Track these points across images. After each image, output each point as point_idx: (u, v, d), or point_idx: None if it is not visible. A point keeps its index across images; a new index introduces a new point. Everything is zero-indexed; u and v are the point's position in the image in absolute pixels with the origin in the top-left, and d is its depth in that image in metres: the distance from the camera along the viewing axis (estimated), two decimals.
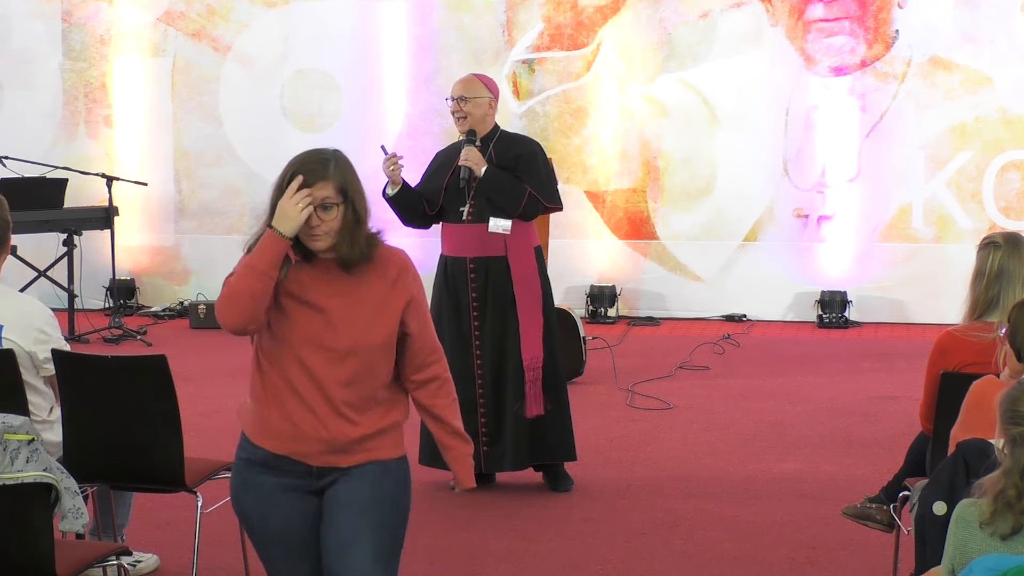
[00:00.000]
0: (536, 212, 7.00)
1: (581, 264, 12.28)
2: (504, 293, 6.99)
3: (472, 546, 6.29)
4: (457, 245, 7.03)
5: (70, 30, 12.88)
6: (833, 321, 11.90)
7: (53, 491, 4.18)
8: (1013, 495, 3.55)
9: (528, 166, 6.99)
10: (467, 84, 7.07)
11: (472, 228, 6.97)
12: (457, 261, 7.02)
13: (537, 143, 7.32)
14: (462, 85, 7.07)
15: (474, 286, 6.99)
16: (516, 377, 6.98)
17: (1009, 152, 11.82)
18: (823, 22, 11.95)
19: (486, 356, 6.98)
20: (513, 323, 6.98)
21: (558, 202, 7.12)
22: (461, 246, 7.02)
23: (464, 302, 6.99)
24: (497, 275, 6.98)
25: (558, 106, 12.33)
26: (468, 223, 6.97)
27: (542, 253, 7.19)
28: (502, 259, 6.98)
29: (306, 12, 12.61)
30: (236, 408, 4.23)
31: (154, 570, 5.94)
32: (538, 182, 6.97)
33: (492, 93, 7.09)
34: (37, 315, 5.39)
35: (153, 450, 5.28)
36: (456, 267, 7.02)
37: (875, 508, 5.78)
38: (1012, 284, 5.32)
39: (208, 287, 12.62)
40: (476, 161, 6.93)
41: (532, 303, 6.99)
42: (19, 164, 11.50)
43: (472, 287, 6.99)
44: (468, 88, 7.04)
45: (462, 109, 7.00)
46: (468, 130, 7.03)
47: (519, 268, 6.97)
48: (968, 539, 3.60)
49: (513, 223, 6.92)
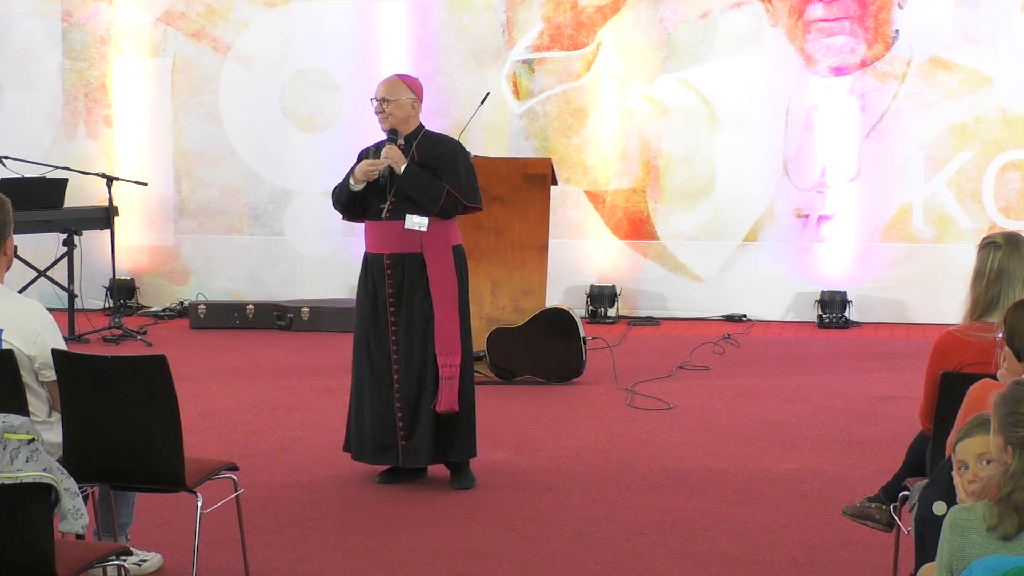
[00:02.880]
0: (455, 210, 7.12)
1: (581, 264, 12.29)
2: (419, 290, 7.09)
3: (472, 546, 6.29)
4: (376, 241, 7.16)
5: (70, 30, 12.88)
6: (833, 321, 11.90)
7: (53, 491, 4.18)
8: (1021, 499, 3.54)
9: (448, 165, 7.10)
10: (390, 86, 7.17)
11: (390, 225, 7.09)
12: (376, 257, 7.14)
13: (458, 142, 7.42)
14: (385, 87, 7.17)
15: (391, 282, 7.09)
16: (432, 373, 7.09)
17: (1009, 152, 11.82)
18: (823, 22, 11.95)
19: (401, 351, 7.10)
20: (429, 320, 7.08)
21: (478, 201, 7.23)
22: (380, 242, 7.14)
23: (381, 297, 7.11)
24: (413, 271, 7.09)
25: (558, 106, 12.33)
26: (387, 220, 7.09)
27: (463, 252, 7.29)
28: (418, 256, 7.08)
29: (306, 12, 12.61)
30: None
31: (158, 568, 5.94)
32: (457, 181, 7.08)
33: (416, 94, 7.20)
34: (37, 319, 5.39)
35: (153, 450, 5.28)
36: (375, 263, 7.14)
37: (875, 508, 5.78)
38: (1012, 284, 5.32)
39: (208, 287, 12.63)
40: (396, 159, 7.05)
41: (448, 300, 7.09)
42: (19, 164, 11.50)
43: (389, 283, 7.10)
44: (390, 90, 7.15)
45: (384, 110, 7.13)
46: (390, 129, 7.14)
47: (435, 265, 7.08)
48: (966, 544, 3.59)
49: (432, 221, 7.03)
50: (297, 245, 12.74)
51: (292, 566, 6.03)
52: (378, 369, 7.11)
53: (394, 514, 6.76)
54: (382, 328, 7.10)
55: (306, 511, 6.78)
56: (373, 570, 5.99)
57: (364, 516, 6.72)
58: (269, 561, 6.05)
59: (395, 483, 7.22)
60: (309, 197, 12.67)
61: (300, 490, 7.15)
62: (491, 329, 9.67)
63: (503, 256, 9.77)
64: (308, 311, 11.87)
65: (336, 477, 7.39)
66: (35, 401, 5.37)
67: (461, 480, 7.22)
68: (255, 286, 12.68)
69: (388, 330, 7.10)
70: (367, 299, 7.15)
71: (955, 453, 4.00)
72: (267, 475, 7.37)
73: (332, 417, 8.74)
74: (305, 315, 11.86)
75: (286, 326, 11.86)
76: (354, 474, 7.44)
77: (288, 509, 6.81)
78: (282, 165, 12.74)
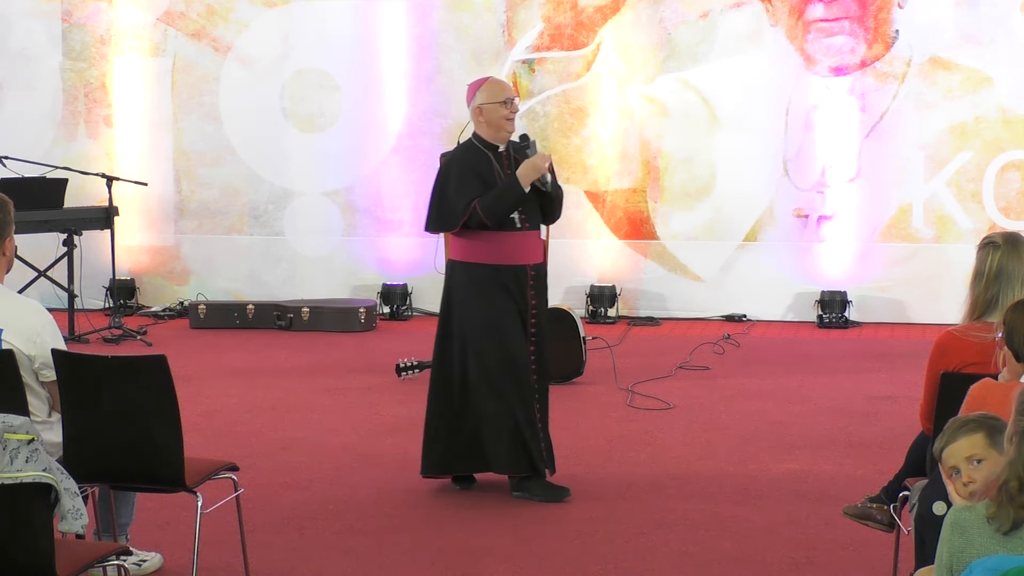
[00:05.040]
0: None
1: (581, 264, 12.28)
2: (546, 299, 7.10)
3: (472, 546, 6.29)
4: (514, 252, 6.92)
5: (70, 30, 12.88)
6: (833, 321, 11.90)
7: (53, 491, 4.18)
8: (1015, 487, 3.55)
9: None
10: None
11: (529, 235, 6.95)
12: (517, 269, 6.92)
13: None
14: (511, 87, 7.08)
15: (532, 292, 6.97)
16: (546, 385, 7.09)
17: (1009, 152, 11.82)
18: (823, 22, 11.95)
19: (539, 360, 7.00)
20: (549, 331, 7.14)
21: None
22: (520, 253, 6.93)
23: (523, 308, 6.94)
24: (543, 281, 7.05)
25: (558, 106, 12.33)
26: (525, 230, 6.94)
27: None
28: (545, 265, 7.08)
29: (306, 12, 12.61)
30: None
31: (158, 568, 5.95)
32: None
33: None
34: (36, 319, 5.39)
35: (153, 450, 5.28)
36: (513, 274, 6.91)
37: (875, 508, 5.78)
38: (1011, 284, 5.32)
39: (208, 287, 12.63)
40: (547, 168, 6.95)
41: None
42: (19, 164, 11.50)
43: (532, 293, 6.96)
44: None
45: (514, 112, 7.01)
46: (523, 135, 7.03)
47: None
48: (966, 545, 3.60)
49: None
50: (297, 245, 12.74)
51: (292, 566, 6.03)
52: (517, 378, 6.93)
53: (394, 514, 6.76)
54: (522, 338, 6.92)
55: (306, 511, 6.78)
56: (373, 570, 6.00)
57: (364, 516, 6.72)
58: (269, 561, 6.05)
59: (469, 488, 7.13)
60: (309, 197, 12.68)
61: (300, 490, 7.15)
62: None
63: None
64: (308, 311, 11.87)
65: (336, 477, 7.39)
66: (35, 401, 5.37)
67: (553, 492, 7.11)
68: (255, 286, 12.68)
69: (528, 340, 6.94)
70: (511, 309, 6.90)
71: (943, 461, 4.01)
72: (267, 475, 7.37)
73: (332, 417, 8.75)
74: (305, 315, 11.86)
75: (286, 326, 11.86)
76: (354, 474, 7.44)
77: (288, 509, 6.81)
78: (282, 165, 12.74)
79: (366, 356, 10.70)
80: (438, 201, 6.96)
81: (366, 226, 12.65)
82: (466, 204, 6.81)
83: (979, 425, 3.97)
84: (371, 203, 12.62)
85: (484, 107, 6.97)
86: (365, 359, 10.57)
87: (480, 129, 7.02)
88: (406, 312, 12.43)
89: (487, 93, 6.99)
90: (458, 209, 6.84)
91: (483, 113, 6.98)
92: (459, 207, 6.83)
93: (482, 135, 7.01)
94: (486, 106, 6.97)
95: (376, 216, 12.63)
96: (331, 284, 12.60)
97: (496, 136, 6.98)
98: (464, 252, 6.96)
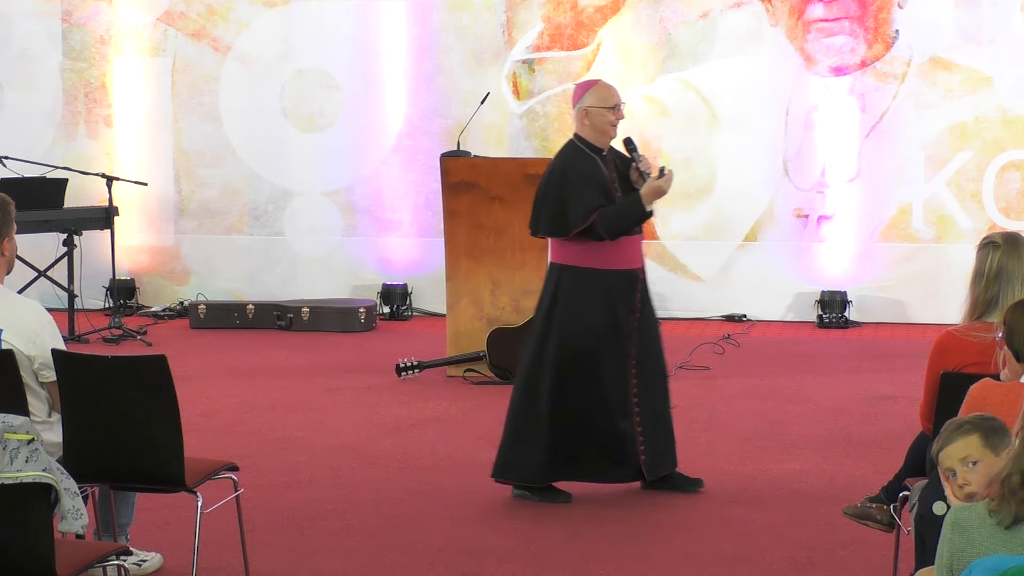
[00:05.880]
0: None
1: None
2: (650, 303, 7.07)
3: (472, 546, 6.29)
4: (626, 257, 6.94)
5: (70, 30, 12.88)
6: (833, 321, 11.90)
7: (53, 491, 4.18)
8: (1017, 482, 3.56)
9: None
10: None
11: (636, 239, 6.99)
12: (626, 273, 6.94)
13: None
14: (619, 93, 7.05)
15: (640, 296, 6.97)
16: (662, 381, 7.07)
17: (1009, 152, 11.82)
18: (823, 22, 11.95)
19: (640, 365, 6.96)
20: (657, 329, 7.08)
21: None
22: (630, 257, 6.96)
23: (631, 312, 6.93)
24: (645, 283, 7.04)
25: (558, 106, 12.32)
26: (637, 234, 6.97)
27: None
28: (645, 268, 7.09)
29: (306, 12, 12.60)
30: None
31: (158, 568, 5.95)
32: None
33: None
34: (36, 319, 5.39)
35: (153, 450, 5.28)
36: (622, 279, 6.92)
37: (875, 508, 5.78)
38: (1011, 284, 5.32)
39: (208, 287, 12.63)
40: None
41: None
42: (19, 164, 11.50)
43: (639, 296, 6.97)
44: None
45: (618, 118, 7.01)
46: (627, 138, 7.05)
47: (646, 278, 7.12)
48: (966, 544, 3.60)
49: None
50: (297, 245, 12.74)
51: (292, 566, 6.03)
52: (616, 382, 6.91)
53: (394, 514, 6.76)
54: (623, 341, 6.90)
55: (306, 511, 6.78)
56: (373, 570, 6.00)
57: (364, 516, 6.73)
58: (269, 561, 6.05)
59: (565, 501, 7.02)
60: (309, 197, 12.67)
61: (300, 490, 7.15)
62: (491, 329, 9.68)
63: (503, 256, 9.77)
64: (308, 311, 11.87)
65: (336, 477, 7.39)
66: (35, 401, 5.38)
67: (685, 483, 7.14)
68: (255, 286, 12.68)
69: (629, 343, 6.92)
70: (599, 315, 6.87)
71: (939, 463, 4.01)
72: (267, 475, 7.37)
73: (332, 417, 8.75)
74: (305, 315, 11.86)
75: (286, 326, 11.86)
76: (354, 474, 7.45)
77: (288, 509, 6.81)
78: (282, 165, 12.73)
79: (366, 356, 10.70)
80: (553, 205, 6.91)
81: (366, 226, 12.64)
82: (585, 213, 6.78)
83: (974, 427, 3.97)
84: (371, 203, 12.62)
85: (591, 110, 6.95)
86: (365, 359, 10.57)
87: (583, 131, 6.99)
88: (406, 312, 12.42)
89: (595, 97, 6.97)
90: (575, 216, 6.81)
91: (589, 116, 6.96)
92: (577, 215, 6.80)
93: (585, 137, 6.98)
94: (593, 109, 6.95)
95: (376, 216, 12.62)
96: (331, 284, 12.59)
97: (599, 140, 6.97)
98: (574, 257, 6.91)
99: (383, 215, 12.61)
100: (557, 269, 6.99)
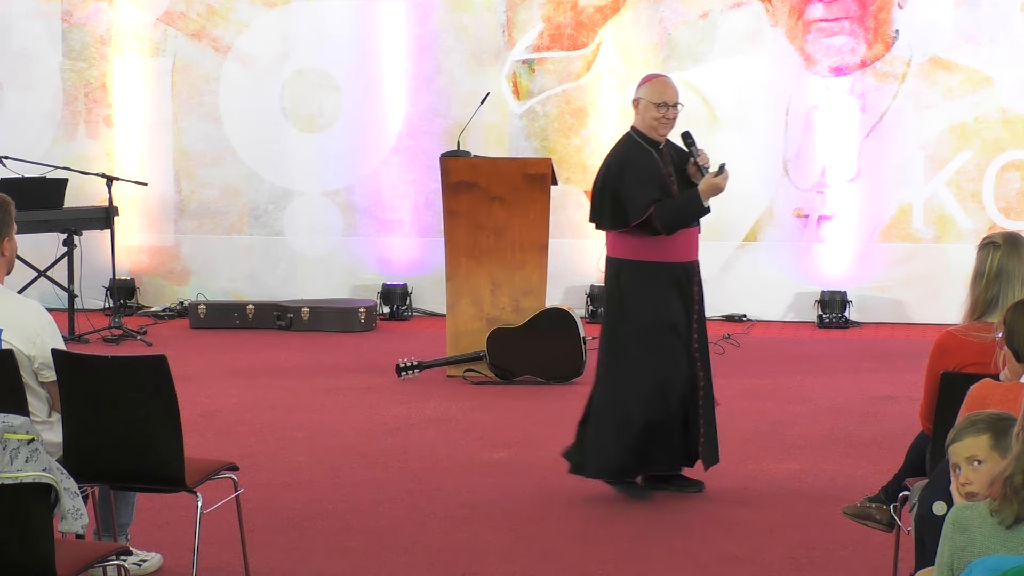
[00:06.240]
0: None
1: (581, 264, 12.27)
2: (702, 295, 7.12)
3: (472, 546, 6.29)
4: (685, 249, 6.99)
5: (70, 30, 12.88)
6: (833, 321, 11.90)
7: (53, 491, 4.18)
8: (1020, 482, 3.56)
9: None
10: (677, 89, 7.07)
11: (694, 232, 7.04)
12: (685, 265, 7.00)
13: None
14: (676, 90, 7.07)
15: (697, 289, 7.04)
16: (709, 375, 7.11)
17: (1009, 152, 11.82)
18: (823, 22, 11.95)
19: (702, 354, 7.03)
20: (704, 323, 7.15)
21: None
22: (688, 249, 7.01)
23: (690, 303, 6.98)
24: (700, 278, 7.12)
25: (558, 106, 12.33)
26: (694, 227, 7.01)
27: None
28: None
29: (306, 12, 12.61)
30: None
31: (158, 568, 5.95)
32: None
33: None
34: (36, 319, 5.39)
35: (153, 450, 5.28)
36: (682, 270, 6.98)
37: (875, 508, 5.78)
38: (1011, 284, 5.32)
39: (208, 287, 12.63)
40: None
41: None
42: (19, 164, 11.50)
43: (696, 288, 7.03)
44: (679, 94, 7.04)
45: (673, 116, 7.02)
46: (685, 132, 7.06)
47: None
48: (967, 543, 3.60)
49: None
50: (297, 245, 12.74)
51: (292, 566, 6.03)
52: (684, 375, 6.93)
53: (394, 514, 6.76)
54: (686, 333, 6.94)
55: (306, 511, 6.78)
56: (373, 570, 6.00)
57: (364, 516, 6.73)
58: (269, 561, 6.05)
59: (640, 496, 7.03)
60: (309, 197, 12.67)
61: (300, 490, 7.15)
62: (491, 329, 9.68)
63: (503, 256, 9.77)
64: (308, 311, 11.87)
65: (336, 477, 7.39)
66: (35, 401, 5.38)
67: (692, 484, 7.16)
68: (255, 286, 12.68)
69: (692, 336, 6.96)
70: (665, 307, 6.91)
71: (949, 455, 4.02)
72: (267, 475, 7.37)
73: (332, 417, 8.75)
74: (305, 315, 11.86)
75: (286, 326, 11.86)
76: (354, 474, 7.45)
77: (288, 509, 6.81)
78: (282, 165, 12.73)
79: (366, 356, 10.70)
80: (611, 199, 6.94)
81: (366, 226, 12.64)
82: (644, 207, 6.81)
83: (987, 426, 3.95)
84: (371, 203, 12.62)
85: (640, 102, 7.02)
86: (365, 359, 10.57)
87: (637, 123, 7.04)
88: (406, 312, 12.43)
89: (647, 90, 7.03)
90: (634, 210, 6.84)
91: (638, 107, 7.03)
92: (635, 208, 6.83)
93: (640, 128, 7.02)
94: (642, 102, 7.00)
95: (376, 216, 12.62)
96: (331, 284, 12.59)
97: (651, 133, 7.00)
98: (632, 250, 6.95)
99: (383, 215, 12.61)
100: (615, 263, 7.03)
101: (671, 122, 7.02)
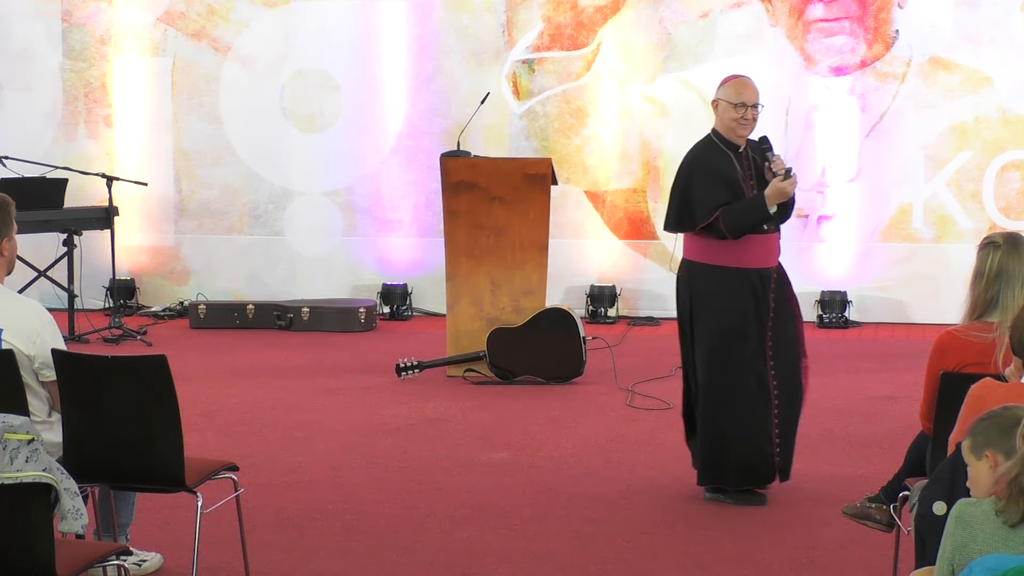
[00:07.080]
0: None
1: (581, 264, 12.28)
2: (787, 299, 6.96)
3: (472, 546, 6.29)
4: (760, 256, 6.87)
5: (70, 30, 12.88)
6: (833, 321, 11.89)
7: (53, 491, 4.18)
8: None
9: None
10: (757, 89, 6.95)
11: (774, 237, 6.94)
12: (761, 272, 6.86)
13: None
14: (756, 91, 6.94)
15: (774, 296, 6.89)
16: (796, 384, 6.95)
17: (1009, 152, 11.82)
18: (823, 22, 11.95)
19: (777, 364, 6.88)
20: (794, 329, 6.95)
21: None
22: (764, 256, 6.89)
23: (764, 311, 6.85)
24: (783, 282, 6.96)
25: (558, 106, 12.33)
26: (770, 232, 6.91)
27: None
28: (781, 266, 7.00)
29: (306, 12, 12.60)
30: None
31: (158, 568, 5.95)
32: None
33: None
34: (36, 319, 5.39)
35: (153, 450, 5.28)
36: (757, 277, 6.85)
37: (875, 508, 5.78)
38: (1011, 284, 5.32)
39: (208, 287, 12.62)
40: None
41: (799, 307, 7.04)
42: (19, 164, 11.49)
43: (772, 296, 6.88)
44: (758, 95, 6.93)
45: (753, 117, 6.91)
46: (763, 136, 6.98)
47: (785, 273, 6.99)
48: (969, 540, 3.61)
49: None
50: (297, 245, 12.74)
51: (292, 566, 6.03)
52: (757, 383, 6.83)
53: (394, 514, 6.76)
54: (762, 341, 6.84)
55: (306, 511, 6.78)
56: (373, 570, 6.00)
57: (364, 516, 6.73)
58: (269, 561, 6.05)
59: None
60: (309, 197, 12.67)
61: (300, 490, 7.15)
62: (491, 329, 9.68)
63: (503, 256, 9.77)
64: (308, 311, 11.87)
65: (336, 477, 7.39)
66: (35, 401, 5.38)
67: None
68: (255, 286, 12.68)
69: (766, 344, 6.85)
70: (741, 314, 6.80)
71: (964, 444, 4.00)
72: (267, 475, 7.37)
73: (332, 417, 8.75)
74: (305, 315, 11.86)
75: (286, 326, 11.86)
76: (354, 474, 7.45)
77: (288, 509, 6.81)
78: (282, 165, 12.73)
79: (366, 356, 10.70)
80: (679, 201, 6.87)
81: (366, 226, 12.64)
82: (710, 209, 6.74)
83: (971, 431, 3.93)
84: (371, 203, 12.62)
85: (719, 103, 6.95)
86: (365, 359, 10.57)
87: (717, 124, 6.96)
88: (406, 312, 12.42)
89: (725, 90, 6.95)
90: (700, 212, 6.77)
91: (717, 108, 6.96)
92: (702, 211, 6.76)
93: (719, 130, 6.94)
94: (720, 103, 6.94)
95: (376, 216, 12.62)
96: (331, 284, 12.59)
97: (730, 135, 6.91)
98: (709, 254, 6.87)
99: (383, 215, 12.61)
100: (687, 265, 6.97)
101: (751, 123, 6.90)
